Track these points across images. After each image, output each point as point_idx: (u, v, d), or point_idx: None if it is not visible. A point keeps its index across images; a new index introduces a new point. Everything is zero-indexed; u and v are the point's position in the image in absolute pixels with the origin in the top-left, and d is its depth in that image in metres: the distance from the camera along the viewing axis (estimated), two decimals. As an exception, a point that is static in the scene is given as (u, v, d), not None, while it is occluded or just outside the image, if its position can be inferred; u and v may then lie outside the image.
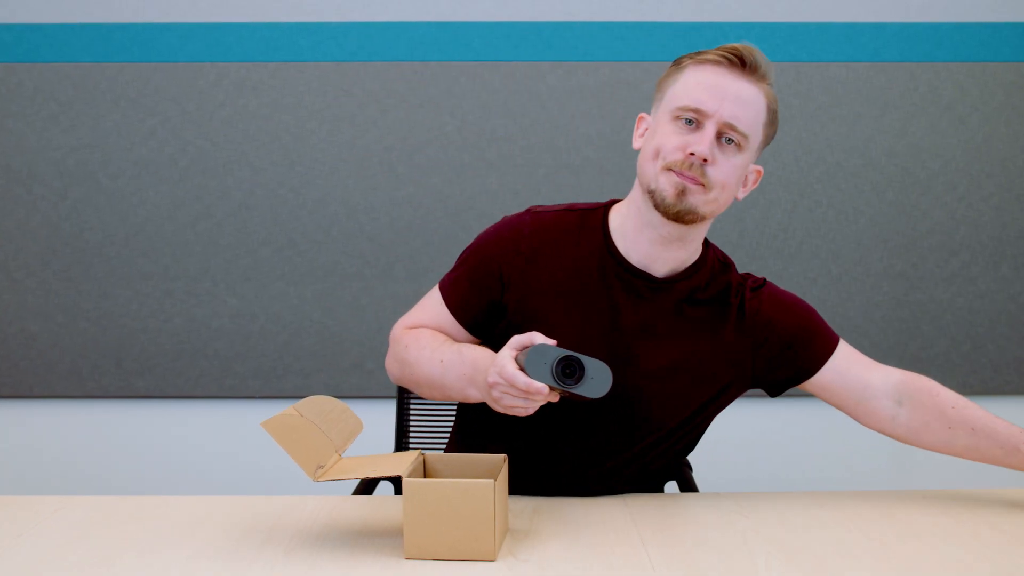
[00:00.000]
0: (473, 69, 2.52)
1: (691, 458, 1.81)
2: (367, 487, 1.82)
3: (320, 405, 1.42)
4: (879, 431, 1.63)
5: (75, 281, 2.56)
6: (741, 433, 2.58)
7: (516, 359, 1.38)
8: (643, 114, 1.60)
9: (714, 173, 1.48)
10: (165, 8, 2.51)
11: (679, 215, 1.50)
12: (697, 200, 1.49)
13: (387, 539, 1.40)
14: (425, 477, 1.45)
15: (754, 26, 2.49)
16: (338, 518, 1.50)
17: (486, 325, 1.63)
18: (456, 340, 1.61)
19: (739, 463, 2.59)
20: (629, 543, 1.39)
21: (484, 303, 1.61)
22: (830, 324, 1.67)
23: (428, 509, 1.31)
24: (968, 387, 2.57)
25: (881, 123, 2.52)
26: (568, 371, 1.35)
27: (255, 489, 2.55)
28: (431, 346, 1.56)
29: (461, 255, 1.65)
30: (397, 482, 1.88)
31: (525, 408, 1.39)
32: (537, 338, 1.38)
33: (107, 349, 2.57)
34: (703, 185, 1.48)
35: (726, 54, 1.49)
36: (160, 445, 2.61)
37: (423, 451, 1.48)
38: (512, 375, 1.35)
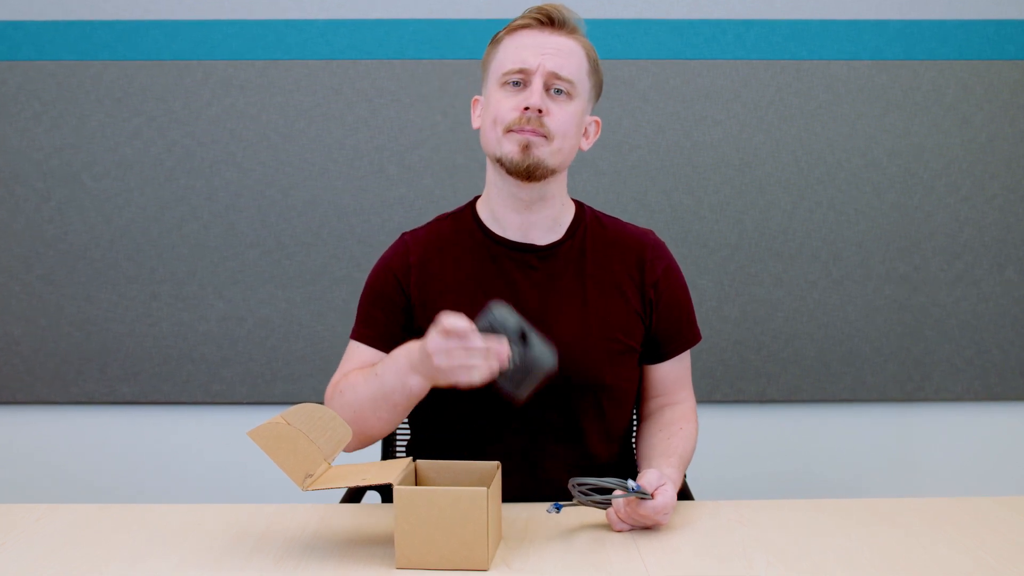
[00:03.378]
0: (466, 67, 2.49)
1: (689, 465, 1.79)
2: (355, 495, 1.81)
3: (308, 413, 1.41)
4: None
5: (59, 284, 2.53)
6: (739, 440, 2.57)
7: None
8: (476, 97, 1.68)
9: (552, 123, 1.56)
10: (150, 5, 2.48)
11: (529, 170, 1.57)
12: (542, 152, 1.56)
13: (378, 548, 1.39)
14: (416, 485, 1.43)
15: (754, 23, 2.47)
16: (328, 526, 1.49)
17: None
18: None
19: (737, 471, 2.57)
20: (626, 552, 1.39)
21: (400, 321, 1.66)
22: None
23: (420, 517, 1.30)
24: (972, 392, 2.55)
25: (883, 122, 2.50)
26: (523, 339, 1.39)
27: (243, 497, 2.52)
28: (363, 374, 1.60)
29: (359, 303, 1.71)
30: (385, 490, 1.86)
31: (478, 367, 1.37)
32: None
33: (91, 354, 2.54)
34: (545, 136, 1.56)
35: (535, 16, 1.60)
36: (146, 452, 2.58)
37: (415, 458, 1.46)
38: (464, 329, 1.36)
